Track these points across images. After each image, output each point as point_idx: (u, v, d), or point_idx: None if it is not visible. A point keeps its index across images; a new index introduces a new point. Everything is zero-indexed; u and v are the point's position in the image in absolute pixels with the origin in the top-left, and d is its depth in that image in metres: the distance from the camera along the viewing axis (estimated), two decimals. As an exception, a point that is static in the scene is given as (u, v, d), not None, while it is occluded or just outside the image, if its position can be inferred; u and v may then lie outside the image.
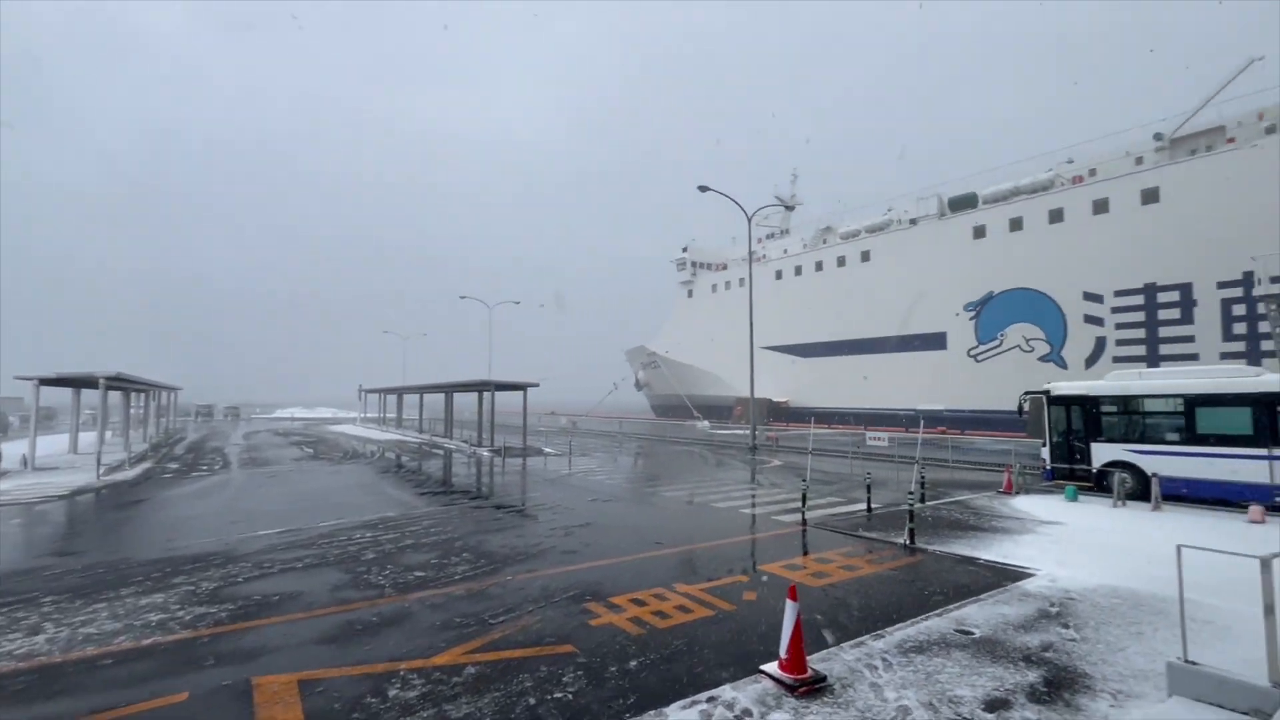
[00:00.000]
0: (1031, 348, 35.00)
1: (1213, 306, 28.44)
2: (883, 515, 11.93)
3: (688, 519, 12.06)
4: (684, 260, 63.76)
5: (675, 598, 6.99)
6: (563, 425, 48.52)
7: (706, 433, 40.30)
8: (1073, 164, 36.98)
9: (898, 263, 42.57)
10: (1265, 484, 11.96)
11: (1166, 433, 13.46)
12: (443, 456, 25.23)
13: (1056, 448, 15.04)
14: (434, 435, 35.29)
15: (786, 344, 50.19)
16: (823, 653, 5.27)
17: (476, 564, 8.47)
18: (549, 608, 6.67)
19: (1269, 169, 26.71)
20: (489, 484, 17.35)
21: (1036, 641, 5.50)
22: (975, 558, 8.71)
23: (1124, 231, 31.47)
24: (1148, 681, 4.63)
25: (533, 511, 12.70)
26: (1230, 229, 27.19)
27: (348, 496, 14.69)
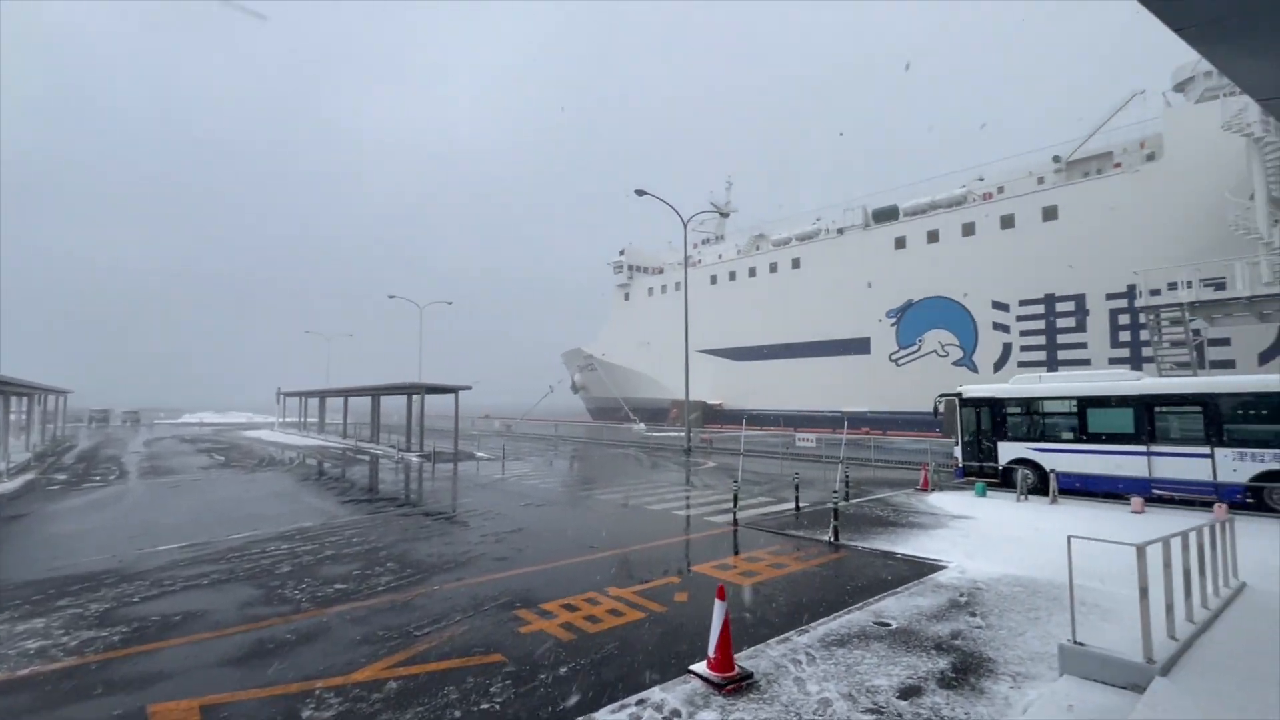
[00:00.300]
0: (946, 353, 37.22)
1: (1102, 316, 31.15)
2: (810, 514, 12.35)
3: (622, 522, 12.08)
4: (621, 263, 63.96)
5: (607, 601, 6.97)
6: (496, 429, 47.58)
7: (642, 435, 40.53)
8: (983, 181, 39.65)
9: (826, 270, 44.31)
10: (1144, 478, 13.19)
11: (1062, 432, 14.62)
12: (368, 463, 24.19)
13: (967, 446, 16.05)
14: (359, 440, 33.78)
15: (721, 348, 51.21)
16: (750, 650, 5.39)
17: (402, 574, 8.16)
18: (478, 617, 6.51)
19: (1150, 192, 29.57)
20: (417, 491, 16.77)
21: (947, 630, 5.84)
22: (894, 552, 9.16)
23: (1028, 245, 34.00)
24: (1043, 663, 5.00)
25: (463, 518, 12.37)
26: (1118, 245, 29.90)
27: (262, 507, 13.83)
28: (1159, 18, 4.87)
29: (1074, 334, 32.19)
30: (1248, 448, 12.29)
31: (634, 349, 58.59)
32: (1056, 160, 36.13)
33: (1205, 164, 27.31)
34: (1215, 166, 26.73)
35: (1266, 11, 4.71)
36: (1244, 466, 12.24)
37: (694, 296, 47.50)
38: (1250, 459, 12.21)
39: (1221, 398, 12.65)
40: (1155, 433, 13.28)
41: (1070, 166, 35.56)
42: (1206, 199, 26.57)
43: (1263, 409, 12.39)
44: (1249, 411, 12.53)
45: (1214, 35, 5.14)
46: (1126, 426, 13.62)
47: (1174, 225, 28.02)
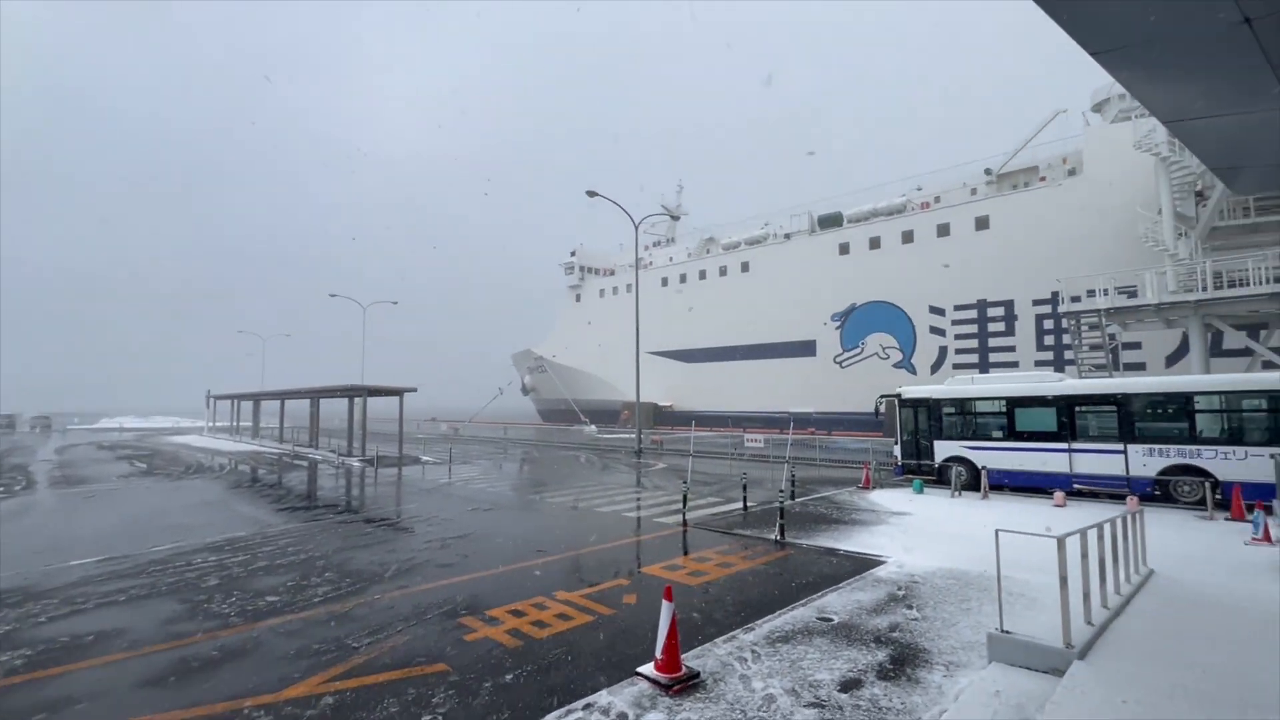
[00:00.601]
0: (887, 355, 38.63)
1: (1029, 320, 33.00)
2: (758, 513, 12.57)
3: (571, 525, 11.98)
4: (572, 264, 63.60)
5: (556, 606, 6.90)
6: (443, 432, 46.48)
7: (593, 437, 40.39)
8: (921, 191, 41.40)
9: (774, 274, 45.31)
10: (1066, 473, 14.03)
11: (993, 431, 15.39)
12: (306, 468, 23.19)
13: (906, 445, 16.69)
14: (297, 445, 32.36)
15: (671, 349, 51.60)
16: (698, 649, 5.43)
17: (340, 584, 7.85)
18: (420, 626, 6.32)
19: (1071, 205, 31.54)
20: (359, 496, 16.18)
21: (885, 623, 6.04)
22: (836, 549, 9.42)
23: (962, 253, 35.71)
24: (974, 651, 5.24)
25: (407, 524, 12.01)
26: (1043, 254, 31.74)
27: (188, 516, 13.05)
28: (1079, 43, 5.21)
29: (1004, 338, 33.98)
30: (1155, 444, 13.25)
31: (585, 350, 58.35)
32: (988, 173, 38.08)
33: (1120, 180, 29.34)
34: (1129, 182, 28.75)
35: (1168, 43, 5.11)
36: (1152, 461, 13.19)
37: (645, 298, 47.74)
38: (1158, 454, 13.16)
39: (1132, 398, 13.59)
40: (1075, 431, 14.14)
41: (1000, 179, 37.55)
42: (1121, 212, 28.54)
43: (1168, 408, 13.39)
44: (1156, 410, 13.51)
45: (1125, 61, 5.53)
46: (1050, 425, 14.46)
47: (1093, 236, 29.96)
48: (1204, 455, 12.71)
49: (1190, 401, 13.06)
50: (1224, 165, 8.06)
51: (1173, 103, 6.38)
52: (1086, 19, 4.79)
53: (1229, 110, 6.29)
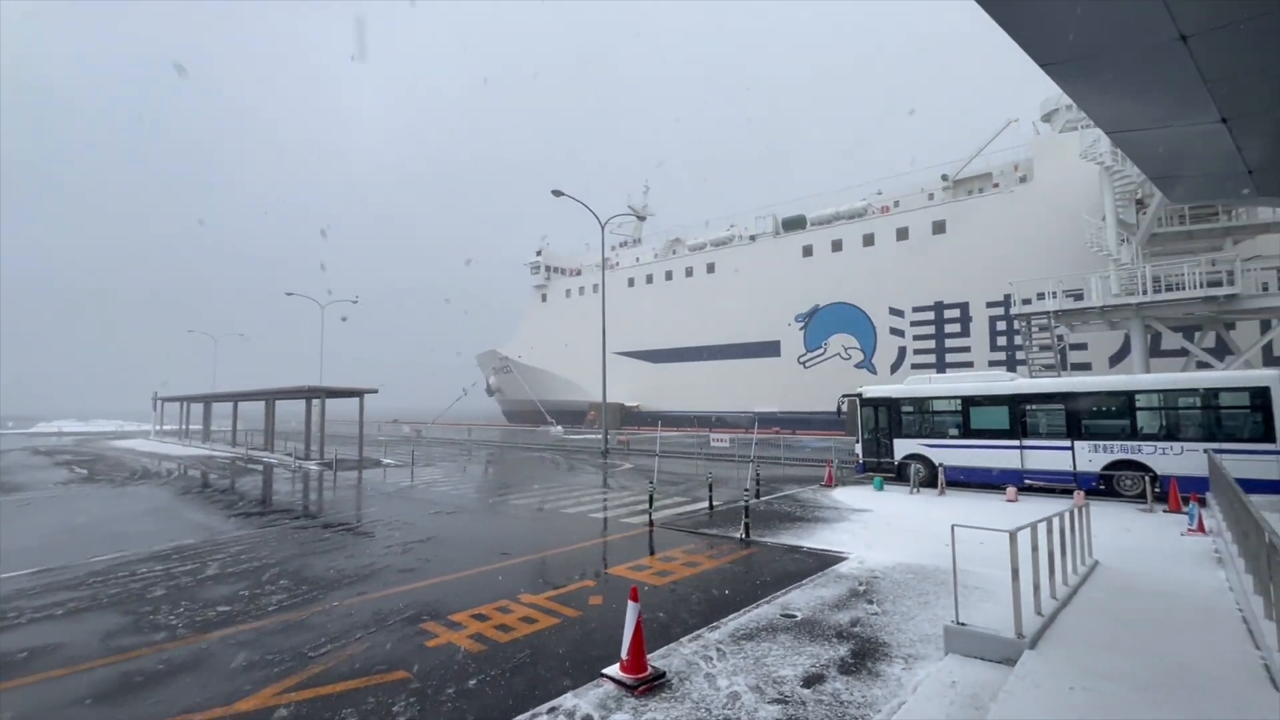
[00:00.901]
0: (849, 355, 39.46)
1: (983, 322, 34.14)
2: (723, 512, 12.68)
3: (536, 527, 11.88)
4: (538, 264, 63.08)
5: (520, 609, 6.82)
6: (405, 434, 45.55)
7: (560, 438, 40.15)
8: (881, 195, 42.43)
9: (740, 275, 45.80)
10: (1017, 469, 14.55)
11: (949, 429, 15.86)
12: (261, 473, 22.42)
13: (867, 444, 17.07)
14: (252, 449, 31.27)
15: (638, 350, 51.66)
16: (664, 649, 5.44)
17: (296, 591, 7.60)
18: (380, 632, 6.17)
19: (1022, 210, 32.76)
20: (316, 501, 15.72)
21: (847, 618, 6.16)
22: (800, 546, 9.57)
23: (920, 256, 36.71)
24: (931, 644, 5.39)
25: (367, 529, 11.72)
26: (996, 257, 32.87)
27: (133, 524, 12.47)
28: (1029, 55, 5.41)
29: (960, 338, 35.06)
30: (1100, 440, 13.85)
31: (551, 351, 57.94)
32: (945, 179, 39.25)
33: (1067, 187, 30.61)
34: (1076, 190, 30.01)
35: (1111, 57, 5.35)
36: (1097, 457, 13.78)
37: (611, 299, 47.67)
38: (1103, 450, 13.77)
39: (1079, 396, 14.18)
40: (1026, 428, 14.68)
41: (956, 185, 38.74)
42: (1069, 218, 29.76)
43: (1112, 406, 14.01)
44: (1101, 408, 14.13)
45: (1071, 73, 5.77)
46: (1002, 423, 14.98)
47: (1043, 241, 31.17)
48: (1144, 451, 13.35)
49: (1132, 400, 13.70)
50: (1161, 175, 8.48)
51: (1115, 114, 6.67)
52: (1037, 32, 4.97)
53: (1167, 123, 6.62)
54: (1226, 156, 7.50)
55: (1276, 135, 6.87)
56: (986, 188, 37.18)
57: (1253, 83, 5.67)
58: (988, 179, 37.73)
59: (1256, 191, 8.55)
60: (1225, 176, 8.27)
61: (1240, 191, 9.03)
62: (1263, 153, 7.28)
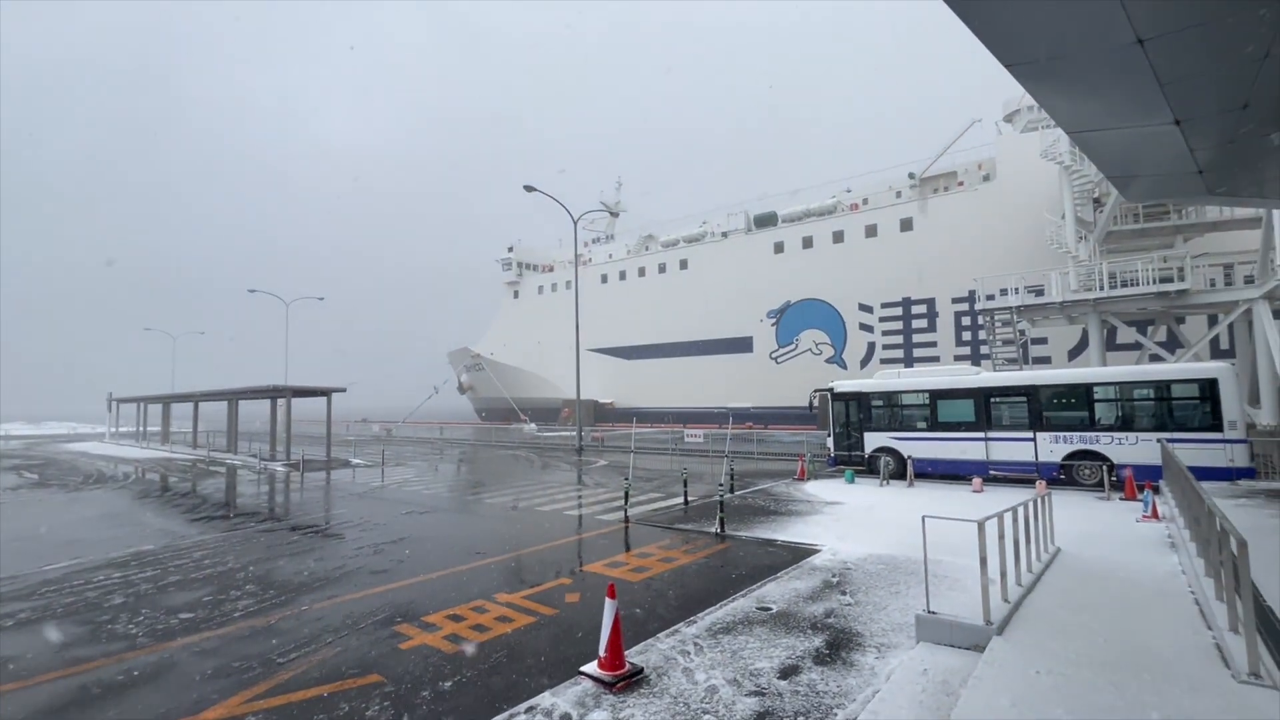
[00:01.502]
0: (820, 351, 40.02)
1: (949, 317, 34.96)
2: (698, 507, 12.76)
3: (511, 525, 11.78)
4: (510, 260, 62.47)
5: (496, 608, 6.75)
6: (375, 433, 44.75)
7: (533, 436, 39.90)
8: (851, 193, 43.07)
9: (712, 272, 46.03)
10: (983, 460, 14.95)
11: (918, 422, 16.22)
12: (224, 475, 21.76)
13: (839, 437, 17.35)
14: (214, 451, 30.34)
15: (611, 346, 51.59)
16: (641, 645, 5.45)
17: (263, 596, 7.40)
18: (352, 636, 6.05)
19: (987, 208, 33.60)
20: (283, 503, 15.34)
21: (821, 610, 6.25)
22: (774, 539, 9.68)
23: (888, 253, 37.39)
24: (903, 633, 5.50)
25: (336, 530, 11.47)
26: (961, 255, 33.65)
27: (88, 530, 11.99)
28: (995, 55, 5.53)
29: (926, 334, 35.84)
30: (1061, 431, 14.32)
31: (524, 348, 57.49)
32: (912, 177, 40.01)
33: (1029, 186, 31.48)
34: (1036, 189, 30.88)
35: (1072, 59, 5.50)
36: (1058, 448, 14.24)
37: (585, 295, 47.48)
38: (1063, 441, 14.23)
39: (1041, 389, 14.63)
40: (991, 421, 15.09)
41: (923, 183, 39.53)
42: (1030, 216, 30.64)
43: (1071, 398, 14.49)
44: (1061, 400, 14.59)
45: (1033, 74, 5.91)
46: (968, 416, 15.37)
47: (1006, 238, 32.03)
48: (1102, 441, 13.84)
49: (1090, 392, 14.18)
50: (1118, 174, 8.78)
51: (1075, 115, 6.87)
52: (1002, 34, 5.09)
53: (1124, 124, 6.84)
54: (1179, 157, 7.79)
55: (1224, 138, 7.16)
56: (952, 186, 38.04)
57: (1204, 86, 5.90)
58: (953, 177, 38.58)
59: (1206, 190, 8.90)
60: (1178, 176, 8.60)
61: (1191, 190, 9.41)
62: (1212, 154, 7.58)
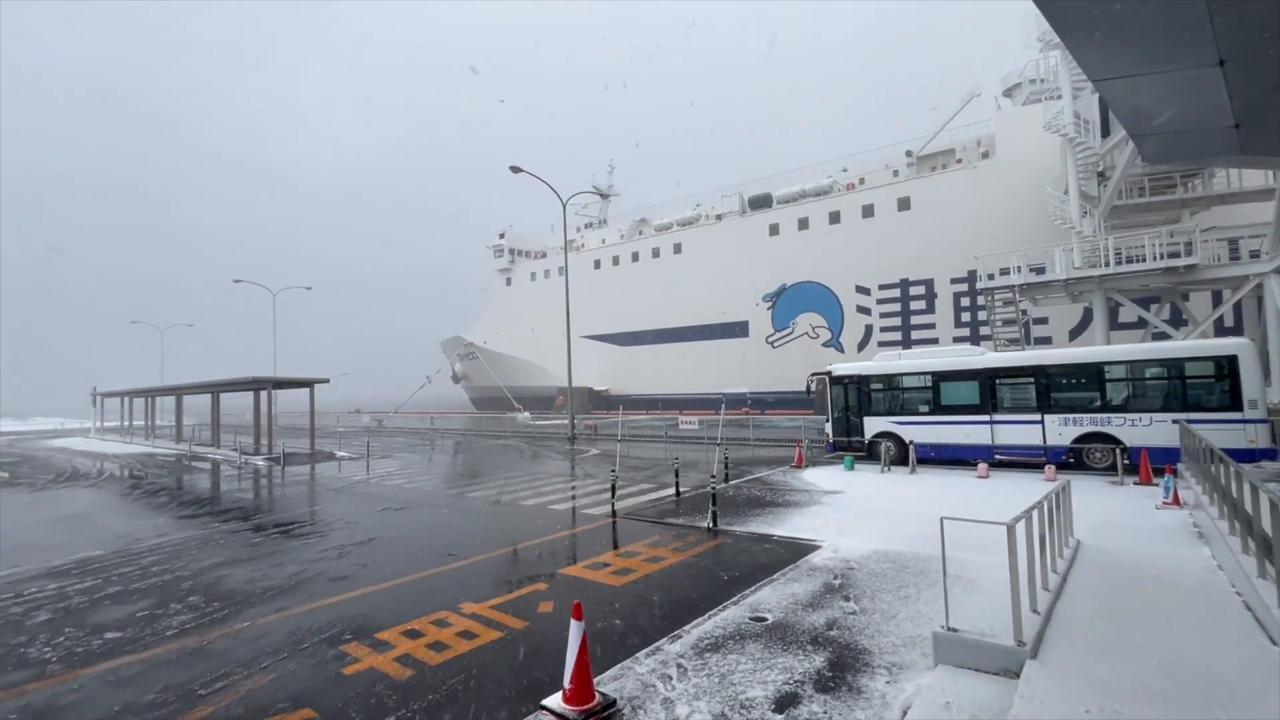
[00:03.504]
0: (817, 334, 39.28)
1: (948, 298, 34.20)
2: (691, 498, 12.07)
3: (491, 522, 11.08)
4: (502, 247, 61.40)
5: (460, 622, 6.04)
6: (365, 424, 44.02)
7: (527, 424, 39.23)
8: (847, 172, 42.07)
9: (707, 255, 45.12)
10: (988, 445, 14.29)
11: (919, 405, 15.52)
12: (203, 471, 21.04)
13: (837, 422, 16.65)
14: (196, 445, 29.58)
15: (606, 333, 50.78)
16: (616, 669, 4.75)
17: (205, 610, 6.68)
18: (293, 658, 5.34)
19: (986, 185, 32.71)
20: (256, 500, 14.61)
21: (823, 620, 5.56)
22: (770, 535, 8.99)
23: (886, 233, 36.54)
24: (916, 649, 4.81)
25: (304, 530, 10.75)
26: (960, 233, 32.84)
27: (41, 534, 11.24)
28: None
29: (925, 315, 35.11)
30: (1070, 413, 13.64)
31: (517, 335, 56.66)
32: (909, 155, 39.04)
33: (1030, 161, 30.59)
34: (1037, 163, 30.01)
35: None
36: (1067, 430, 13.57)
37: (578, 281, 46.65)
38: (1072, 423, 13.55)
39: (1050, 369, 13.93)
40: (996, 403, 14.40)
41: (920, 161, 38.56)
42: (1031, 192, 29.79)
43: (1081, 378, 13.79)
44: (1071, 381, 13.90)
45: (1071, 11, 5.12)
46: (973, 398, 14.68)
47: (1006, 215, 31.21)
48: (1114, 423, 13.17)
49: (1101, 372, 13.49)
50: (1143, 131, 8.00)
51: (1108, 58, 6.07)
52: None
53: (1161, 67, 6.05)
54: (1215, 109, 7.02)
55: (1270, 82, 6.38)
56: (950, 163, 37.07)
57: (1259, 14, 5.11)
58: (951, 155, 37.61)
59: (1239, 148, 8.14)
60: (1209, 133, 7.82)
61: (1219, 149, 8.64)
62: (1253, 103, 6.80)
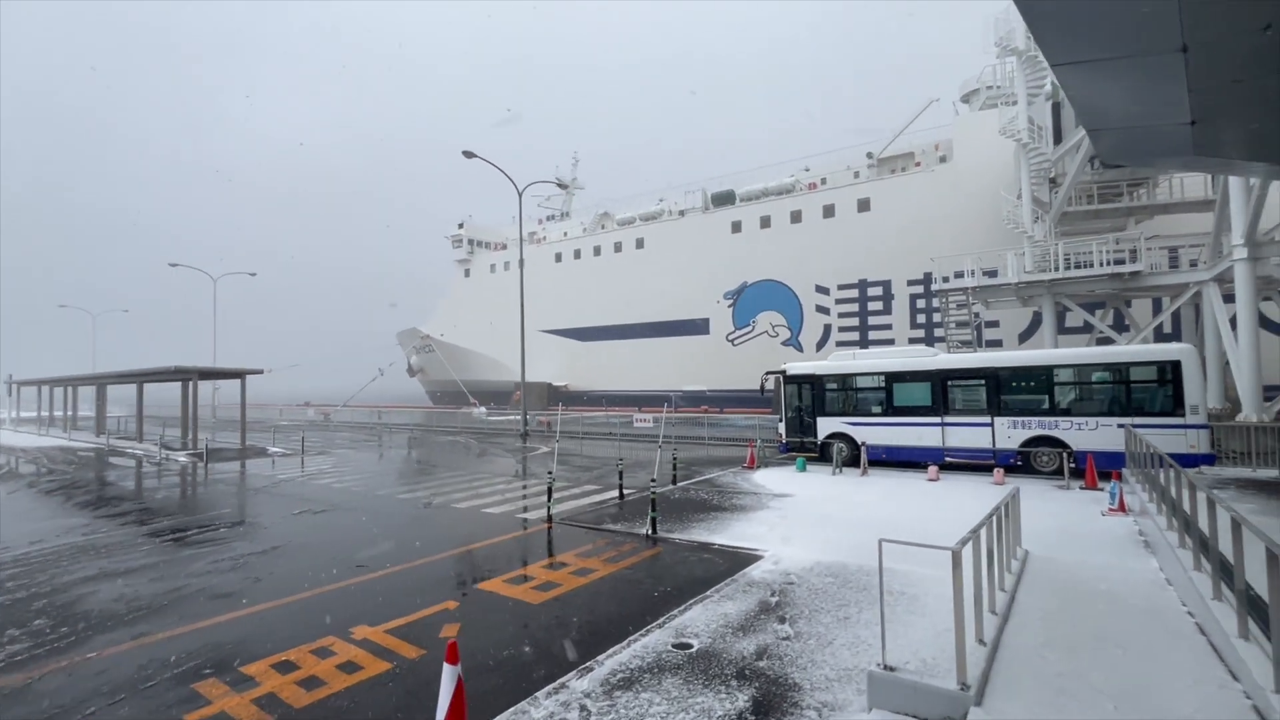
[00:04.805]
0: (777, 333, 39.20)
1: (904, 299, 34.49)
2: (635, 502, 11.47)
3: (416, 527, 10.25)
4: (461, 237, 59.71)
5: (345, 650, 5.28)
6: (310, 418, 42.15)
7: (482, 419, 38.10)
8: (809, 172, 42.11)
9: (669, 251, 44.60)
10: (939, 447, 14.10)
11: (872, 406, 15.27)
12: (119, 467, 19.45)
13: (790, 422, 16.30)
14: (118, 438, 27.61)
15: (566, 328, 49.84)
16: (509, 712, 4.08)
17: (47, 637, 5.73)
18: (130, 701, 4.49)
19: (944, 189, 33.06)
20: (163, 501, 13.39)
21: (753, 647, 4.99)
22: (711, 543, 8.45)
23: (846, 233, 36.64)
24: (852, 685, 4.27)
25: (203, 537, 9.73)
26: (917, 236, 33.10)
27: (-104, 540, 9.91)
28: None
29: (882, 316, 35.34)
30: (1019, 416, 13.54)
31: (475, 328, 55.13)
32: (870, 156, 39.27)
33: (986, 166, 31.00)
34: (994, 168, 30.41)
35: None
36: (1016, 433, 13.47)
37: (539, 275, 45.69)
38: (1021, 426, 13.45)
39: (1000, 371, 13.81)
40: (948, 405, 14.23)
41: (880, 163, 38.83)
42: (986, 196, 30.17)
43: (1030, 381, 13.71)
44: (1020, 383, 13.81)
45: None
46: (925, 400, 14.47)
47: (962, 219, 31.56)
48: (1061, 426, 13.10)
49: (1049, 375, 13.42)
50: (1099, 126, 7.70)
51: (1066, 39, 5.63)
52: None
53: (1124, 50, 5.65)
54: (1173, 103, 6.74)
55: (1230, 75, 6.10)
56: (909, 166, 37.43)
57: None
58: (910, 158, 37.98)
59: (1192, 148, 7.92)
60: (1165, 130, 7.58)
61: (1173, 149, 8.44)
62: (1211, 96, 6.53)
